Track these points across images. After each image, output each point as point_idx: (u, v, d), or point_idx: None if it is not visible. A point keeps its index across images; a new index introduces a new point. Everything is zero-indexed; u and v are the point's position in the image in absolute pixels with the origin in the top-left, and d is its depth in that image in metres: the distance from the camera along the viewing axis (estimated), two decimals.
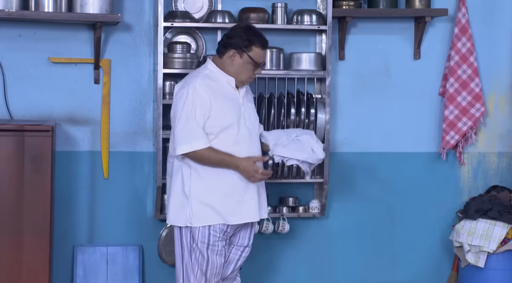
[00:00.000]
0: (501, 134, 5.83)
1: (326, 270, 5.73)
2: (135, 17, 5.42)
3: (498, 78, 5.81)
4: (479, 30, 5.74)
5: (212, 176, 4.54)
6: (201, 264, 4.57)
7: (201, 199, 4.53)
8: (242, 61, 4.57)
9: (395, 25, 5.69)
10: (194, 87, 4.48)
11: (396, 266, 5.79)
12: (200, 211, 4.53)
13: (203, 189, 4.54)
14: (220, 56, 4.61)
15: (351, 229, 5.71)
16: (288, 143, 4.68)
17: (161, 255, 5.47)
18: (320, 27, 5.42)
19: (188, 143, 4.47)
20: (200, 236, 4.54)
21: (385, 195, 5.75)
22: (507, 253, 5.40)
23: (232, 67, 4.58)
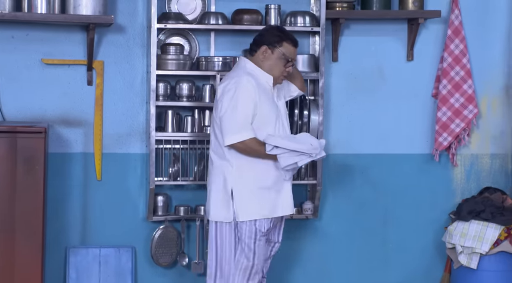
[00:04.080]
0: (494, 136, 5.84)
1: (319, 271, 5.73)
2: (128, 18, 5.41)
3: (491, 79, 5.82)
4: (472, 31, 5.75)
5: (254, 171, 4.67)
6: (247, 260, 4.68)
7: (245, 194, 4.66)
8: (274, 56, 4.74)
9: (388, 26, 5.69)
10: (241, 83, 4.63)
11: (389, 267, 5.80)
12: (245, 207, 4.66)
13: (246, 185, 4.66)
14: (252, 54, 4.77)
15: (344, 230, 5.72)
16: (284, 137, 4.69)
17: (153, 257, 5.47)
18: (313, 29, 5.42)
19: (237, 133, 4.60)
20: (247, 231, 4.66)
21: (378, 197, 5.75)
22: (500, 254, 5.41)
23: (264, 63, 4.75)
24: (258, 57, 4.76)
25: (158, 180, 5.37)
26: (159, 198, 5.44)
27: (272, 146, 4.63)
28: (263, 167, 4.70)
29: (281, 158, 4.63)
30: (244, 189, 4.67)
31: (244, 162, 4.67)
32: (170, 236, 5.48)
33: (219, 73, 5.34)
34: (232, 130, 4.61)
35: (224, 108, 4.64)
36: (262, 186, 4.70)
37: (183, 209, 5.47)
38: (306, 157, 4.63)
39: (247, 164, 4.68)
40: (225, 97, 4.65)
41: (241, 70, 4.75)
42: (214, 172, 4.75)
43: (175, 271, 5.57)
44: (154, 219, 5.42)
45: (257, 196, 4.68)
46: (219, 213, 4.70)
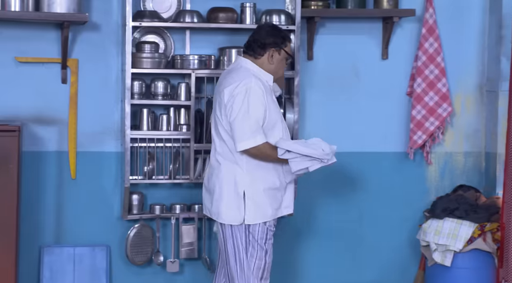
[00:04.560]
0: (467, 134, 5.87)
1: (294, 269, 5.74)
2: (103, 16, 5.38)
3: (465, 78, 5.85)
4: (447, 30, 5.77)
5: (263, 173, 4.69)
6: (260, 259, 4.71)
7: (257, 197, 4.67)
8: (280, 57, 4.80)
9: (363, 25, 5.71)
10: (251, 86, 4.62)
11: (363, 265, 5.82)
12: (258, 209, 4.67)
13: (258, 187, 4.67)
14: (257, 57, 4.77)
15: (320, 228, 5.73)
16: (296, 142, 4.71)
17: (128, 256, 5.45)
18: (288, 27, 5.41)
19: (250, 139, 4.60)
20: (260, 232, 4.70)
21: (353, 195, 5.77)
22: (473, 252, 5.43)
23: (272, 65, 4.79)
24: (264, 60, 4.77)
25: (133, 179, 5.35)
26: (134, 196, 5.42)
27: (284, 150, 4.63)
28: (271, 167, 4.71)
29: (292, 163, 4.63)
30: (256, 191, 4.68)
31: (254, 164, 4.68)
32: (145, 234, 5.47)
33: (195, 71, 5.32)
34: (245, 135, 4.60)
35: (235, 112, 4.61)
36: (271, 187, 4.72)
37: (158, 207, 5.46)
38: (318, 163, 4.63)
39: (257, 166, 4.68)
40: (235, 101, 4.62)
41: (245, 71, 4.72)
42: (222, 175, 4.71)
43: (150, 270, 5.55)
44: (129, 218, 5.40)
45: (268, 197, 4.71)
46: (233, 216, 4.68)
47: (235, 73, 4.73)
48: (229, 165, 4.69)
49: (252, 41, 4.79)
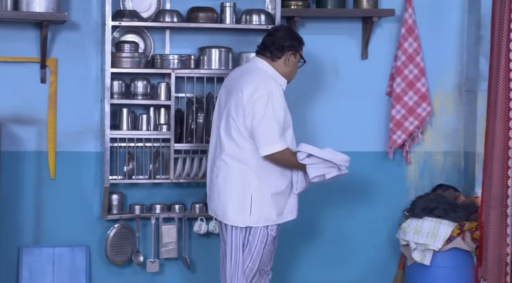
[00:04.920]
0: (447, 134, 5.90)
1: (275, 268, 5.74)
2: (83, 16, 5.36)
3: (444, 78, 5.87)
4: (426, 30, 5.80)
5: (271, 176, 4.68)
6: (254, 261, 4.71)
7: (263, 200, 4.67)
8: (295, 60, 4.82)
9: (343, 25, 5.72)
10: (272, 89, 4.62)
11: (343, 264, 5.83)
12: (263, 212, 4.67)
13: (265, 190, 4.67)
14: (274, 60, 4.76)
15: (299, 227, 5.73)
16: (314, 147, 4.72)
17: (108, 256, 5.43)
18: (268, 27, 5.41)
19: (276, 143, 4.59)
20: (260, 236, 4.70)
21: (333, 194, 5.77)
22: (452, 251, 5.46)
23: (288, 68, 4.79)
24: (280, 63, 4.76)
25: (112, 179, 5.34)
26: (114, 196, 5.40)
27: (306, 154, 4.63)
28: (278, 170, 4.70)
29: (310, 168, 4.64)
30: (263, 194, 4.67)
31: (263, 167, 4.67)
32: (125, 234, 5.45)
33: (175, 71, 5.32)
34: (271, 140, 4.59)
35: (259, 116, 4.58)
36: (277, 191, 4.71)
37: (138, 207, 5.44)
38: (335, 170, 4.66)
39: (266, 170, 4.67)
40: (257, 104, 4.58)
41: (263, 73, 4.72)
42: (230, 176, 4.68)
43: (130, 270, 5.54)
44: (108, 218, 5.39)
45: (273, 201, 4.70)
46: (238, 218, 4.67)
47: (253, 74, 4.70)
48: (237, 166, 4.66)
49: (270, 43, 4.76)
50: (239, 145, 4.65)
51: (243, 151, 4.65)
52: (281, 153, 4.61)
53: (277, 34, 4.78)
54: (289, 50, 4.76)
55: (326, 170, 4.65)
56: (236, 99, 4.63)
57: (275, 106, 4.60)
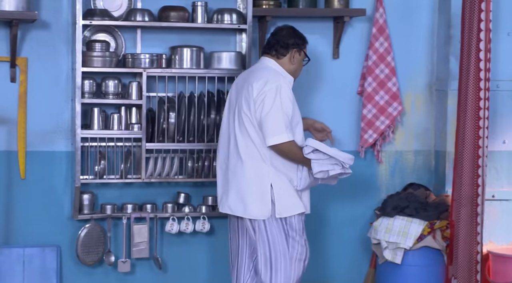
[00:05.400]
0: (417, 133, 5.93)
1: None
2: (53, 14, 5.33)
3: (415, 77, 5.90)
4: (397, 30, 5.82)
5: (286, 170, 4.78)
6: (301, 254, 4.82)
7: (285, 190, 4.77)
8: (300, 58, 4.94)
9: (315, 24, 5.73)
10: (280, 83, 4.75)
11: (315, 263, 5.83)
12: (288, 201, 4.78)
13: (284, 181, 4.77)
14: (280, 57, 4.89)
15: None
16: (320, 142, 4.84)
17: (79, 256, 5.40)
18: (240, 26, 5.42)
19: (282, 134, 4.69)
20: (296, 223, 4.81)
21: None
22: (423, 249, 5.49)
23: (293, 66, 4.92)
24: (286, 60, 4.90)
25: (83, 178, 5.31)
26: (85, 196, 5.38)
27: (312, 149, 4.73)
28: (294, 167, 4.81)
29: (315, 163, 4.73)
30: (283, 185, 4.78)
31: (278, 161, 4.77)
32: (96, 234, 5.43)
33: (146, 70, 5.30)
34: (277, 130, 4.69)
35: (267, 107, 4.69)
36: (292, 181, 4.82)
37: (110, 207, 5.42)
38: (338, 168, 4.75)
39: (281, 163, 4.77)
40: (267, 96, 4.70)
41: (272, 71, 4.84)
42: (247, 171, 4.76)
43: (101, 270, 5.52)
44: (79, 218, 5.36)
45: (293, 190, 4.81)
46: (261, 210, 4.75)
47: (261, 71, 4.83)
48: (253, 161, 4.76)
49: (274, 42, 4.90)
50: (253, 140, 4.75)
51: (257, 146, 4.75)
52: (287, 144, 4.71)
53: (281, 33, 4.93)
54: (293, 48, 4.89)
55: (330, 166, 4.75)
56: (247, 93, 4.76)
57: (283, 99, 4.72)
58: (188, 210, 5.52)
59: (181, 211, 5.53)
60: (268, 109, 4.69)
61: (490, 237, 5.74)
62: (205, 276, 5.69)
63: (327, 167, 4.74)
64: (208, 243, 5.66)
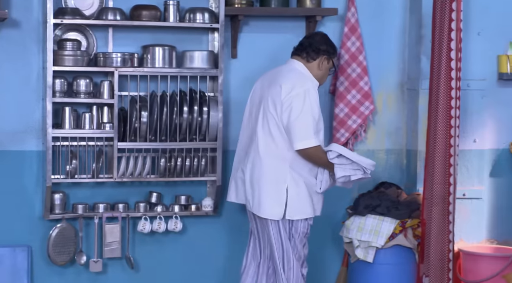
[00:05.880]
0: (389, 132, 5.95)
1: (220, 268, 5.74)
2: (23, 13, 5.29)
3: (386, 76, 5.93)
4: (368, 29, 5.84)
5: (305, 173, 4.94)
6: (300, 250, 5.00)
7: (299, 193, 4.92)
8: (328, 66, 5.09)
9: (287, 23, 5.73)
10: (309, 88, 4.89)
11: None
12: (300, 205, 4.93)
13: (300, 185, 4.92)
14: (310, 61, 5.04)
15: (244, 227, 5.72)
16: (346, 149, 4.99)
17: (50, 256, 5.37)
18: (212, 25, 5.41)
19: (311, 138, 4.85)
20: (302, 227, 4.98)
21: None
22: (395, 247, 5.51)
23: (320, 72, 5.06)
24: (314, 65, 5.04)
25: (55, 178, 5.28)
26: (56, 196, 5.35)
27: (336, 154, 4.88)
28: (308, 167, 4.95)
29: (338, 168, 4.90)
30: (298, 188, 4.91)
31: (299, 163, 4.91)
32: (67, 234, 5.40)
33: (118, 69, 5.28)
34: (305, 135, 4.84)
35: (296, 111, 4.83)
36: (308, 185, 4.96)
37: (81, 207, 5.40)
38: (360, 173, 4.93)
39: (302, 166, 4.92)
40: (295, 100, 4.83)
41: (300, 74, 4.98)
42: (266, 171, 4.90)
43: (72, 270, 5.49)
44: (51, 218, 5.33)
45: (307, 194, 4.95)
46: (275, 211, 4.90)
47: (290, 73, 4.96)
48: (272, 162, 4.90)
49: (307, 44, 5.05)
50: (275, 141, 4.90)
51: (278, 147, 4.90)
52: (315, 149, 4.85)
53: (315, 37, 5.09)
54: (323, 54, 5.04)
55: (353, 171, 4.92)
56: (275, 93, 4.89)
57: (312, 103, 4.86)
58: (160, 210, 5.51)
59: (153, 210, 5.52)
60: (298, 113, 4.83)
61: (461, 235, 5.78)
62: (178, 275, 5.68)
63: (350, 172, 4.92)
64: (180, 242, 5.65)
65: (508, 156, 5.88)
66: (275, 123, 4.89)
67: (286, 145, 4.90)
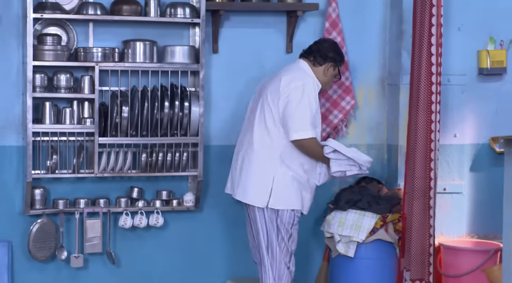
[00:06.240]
0: (370, 127, 5.97)
1: (201, 263, 5.74)
2: (3, 8, 5.26)
3: (367, 71, 5.94)
4: (349, 24, 5.85)
5: (295, 166, 5.01)
6: (287, 242, 5.03)
7: (285, 184, 4.99)
8: (333, 73, 5.20)
9: (268, 18, 5.73)
10: (309, 84, 4.98)
11: None
12: (284, 196, 4.99)
13: (287, 176, 4.98)
14: (316, 65, 5.15)
15: (225, 221, 5.74)
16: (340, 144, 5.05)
17: (31, 251, 5.35)
18: (193, 20, 5.40)
19: (307, 130, 4.92)
20: (287, 217, 5.02)
21: None
22: (376, 242, 5.52)
23: (325, 78, 5.17)
24: (320, 70, 5.14)
25: (35, 173, 5.26)
26: (37, 191, 5.33)
27: (332, 149, 4.94)
28: (301, 163, 5.02)
29: (333, 163, 4.99)
30: (285, 179, 4.98)
31: (289, 155, 4.99)
32: (48, 230, 5.38)
33: (98, 64, 5.26)
34: (301, 126, 4.91)
35: (293, 103, 4.92)
36: (299, 180, 5.02)
37: (62, 202, 5.38)
38: (356, 169, 5.02)
39: (290, 157, 4.99)
40: (293, 92, 4.94)
41: (303, 71, 5.10)
42: (256, 159, 5.00)
43: (53, 265, 5.48)
44: (31, 213, 5.31)
45: (294, 187, 5.01)
46: (259, 198, 4.98)
47: (292, 69, 5.10)
48: (264, 151, 4.99)
49: (315, 49, 5.16)
50: (270, 133, 4.98)
51: (272, 139, 4.99)
52: (309, 141, 4.93)
53: (324, 43, 5.20)
54: (330, 62, 5.15)
55: (348, 167, 5.00)
56: (274, 85, 5.01)
57: (310, 96, 4.95)
58: (141, 205, 5.50)
59: (135, 205, 5.51)
60: (295, 104, 4.91)
61: (442, 229, 5.81)
62: (159, 270, 5.67)
63: (345, 168, 4.99)
64: (161, 237, 5.65)
65: (488, 151, 5.91)
66: (272, 116, 4.97)
67: (279, 138, 4.98)
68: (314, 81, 5.05)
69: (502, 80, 5.91)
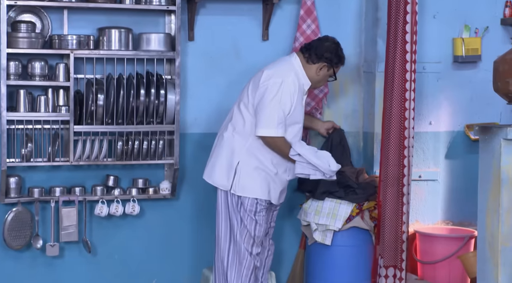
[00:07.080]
0: (346, 114, 5.97)
1: (178, 251, 5.74)
2: None
3: None
4: (325, 12, 5.85)
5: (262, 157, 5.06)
6: (249, 228, 5.06)
7: (249, 172, 5.04)
8: (327, 73, 5.17)
9: (244, 6, 5.72)
10: (287, 81, 5.00)
11: None
12: (246, 183, 5.04)
13: (250, 164, 5.05)
14: (309, 63, 5.12)
15: (202, 209, 5.74)
16: (309, 149, 5.02)
17: (6, 240, 5.33)
18: (169, 8, 5.38)
19: (272, 128, 4.96)
20: (249, 204, 5.06)
21: None
22: (352, 229, 5.54)
23: (317, 76, 5.15)
24: (313, 68, 5.13)
25: (10, 162, 5.24)
26: (12, 180, 5.30)
27: (297, 152, 4.94)
28: (271, 156, 5.07)
29: (298, 165, 5.01)
30: (250, 167, 5.04)
31: (259, 146, 5.04)
32: (23, 218, 5.36)
33: (73, 51, 5.23)
34: (269, 124, 4.96)
35: (267, 99, 4.96)
36: (264, 169, 5.07)
37: (37, 190, 5.36)
38: (320, 174, 4.99)
39: (260, 149, 5.05)
40: (269, 88, 4.97)
41: (290, 66, 5.09)
42: (227, 143, 5.09)
43: (28, 254, 5.46)
44: (6, 202, 5.29)
45: (258, 175, 5.05)
46: (222, 181, 5.07)
47: (280, 62, 5.14)
48: (236, 136, 5.06)
49: (313, 46, 5.14)
50: (244, 118, 5.06)
51: (245, 126, 5.06)
52: (273, 139, 4.99)
53: (325, 42, 5.17)
54: (324, 62, 5.12)
55: (312, 171, 5.02)
56: (257, 77, 5.07)
57: (284, 96, 4.96)
58: (117, 193, 5.49)
59: (111, 194, 5.49)
60: (268, 101, 4.94)
61: (417, 216, 5.84)
62: (135, 259, 5.66)
63: (309, 172, 5.01)
64: (137, 226, 5.64)
65: (463, 138, 5.94)
66: (247, 101, 5.05)
67: (251, 125, 5.05)
68: (297, 79, 5.05)
69: (477, 67, 5.94)
